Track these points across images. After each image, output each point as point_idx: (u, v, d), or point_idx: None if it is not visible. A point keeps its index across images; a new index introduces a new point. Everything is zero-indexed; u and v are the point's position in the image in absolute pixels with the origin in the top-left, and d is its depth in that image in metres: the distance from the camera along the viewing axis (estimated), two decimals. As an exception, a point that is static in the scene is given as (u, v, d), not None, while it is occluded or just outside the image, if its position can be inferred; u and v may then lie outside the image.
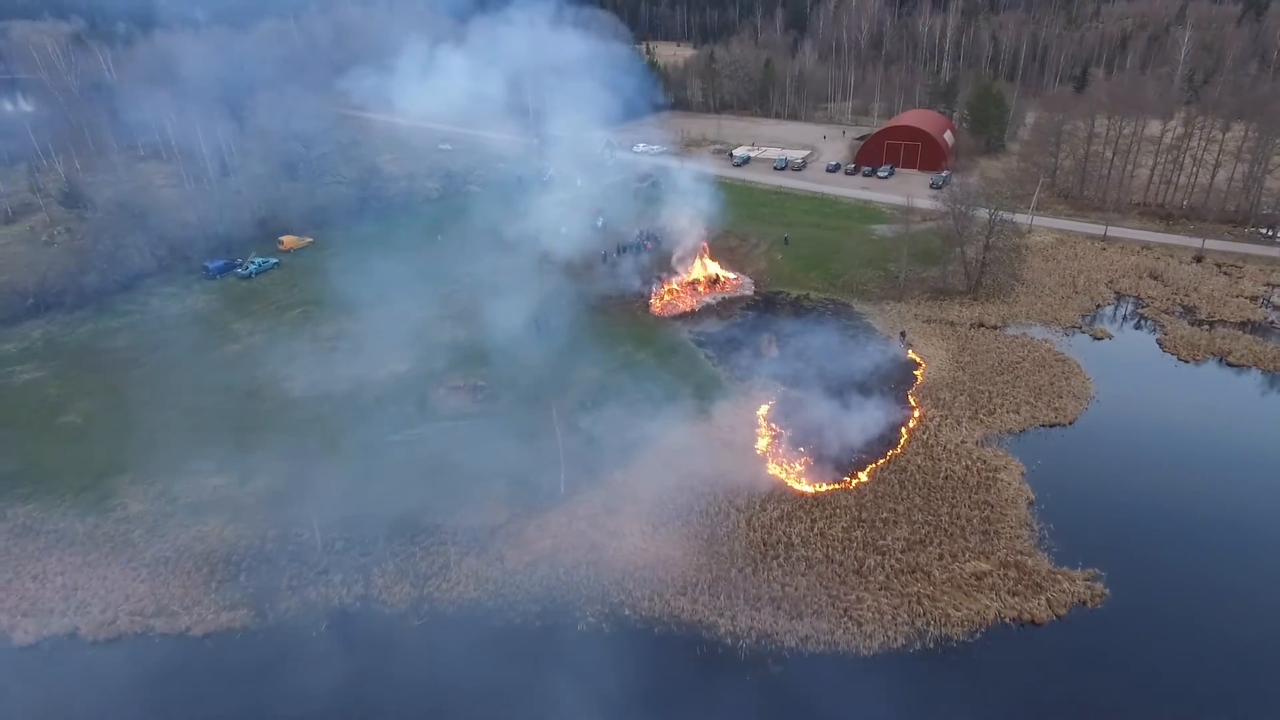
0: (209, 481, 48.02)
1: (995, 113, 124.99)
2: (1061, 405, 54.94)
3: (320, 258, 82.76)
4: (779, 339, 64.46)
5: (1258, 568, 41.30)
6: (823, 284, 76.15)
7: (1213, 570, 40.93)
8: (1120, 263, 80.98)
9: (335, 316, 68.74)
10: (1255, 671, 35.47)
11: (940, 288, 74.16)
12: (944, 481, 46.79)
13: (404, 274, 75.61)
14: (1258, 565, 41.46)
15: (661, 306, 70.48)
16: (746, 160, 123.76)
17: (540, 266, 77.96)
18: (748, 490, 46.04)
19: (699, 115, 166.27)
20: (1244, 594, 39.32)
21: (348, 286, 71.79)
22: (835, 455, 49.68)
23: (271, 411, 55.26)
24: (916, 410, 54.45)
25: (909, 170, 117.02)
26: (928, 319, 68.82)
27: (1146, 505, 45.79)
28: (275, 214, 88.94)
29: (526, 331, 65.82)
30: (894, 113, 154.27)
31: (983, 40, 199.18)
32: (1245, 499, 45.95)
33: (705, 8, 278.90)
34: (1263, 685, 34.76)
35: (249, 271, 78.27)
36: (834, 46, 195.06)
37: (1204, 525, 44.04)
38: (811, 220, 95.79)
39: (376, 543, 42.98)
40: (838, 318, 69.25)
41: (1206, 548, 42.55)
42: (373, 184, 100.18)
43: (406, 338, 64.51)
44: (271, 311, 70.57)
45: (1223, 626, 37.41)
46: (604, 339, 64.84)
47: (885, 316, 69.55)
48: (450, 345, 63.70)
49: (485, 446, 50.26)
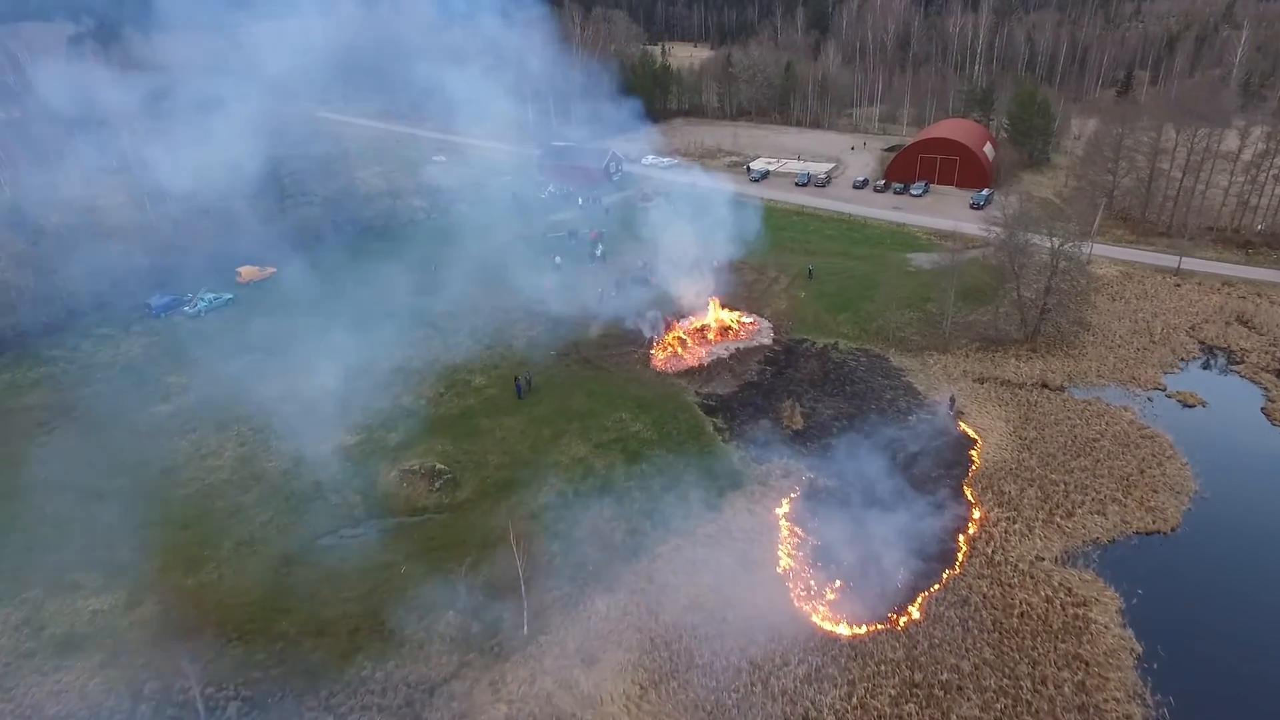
0: (88, 603, 38.32)
1: (1040, 122, 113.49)
2: (1158, 504, 44.07)
3: (281, 293, 73.17)
4: (803, 405, 53.94)
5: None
6: (853, 329, 65.47)
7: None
8: (1201, 303, 69.66)
9: (285, 369, 58.94)
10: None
11: (991, 336, 63.28)
12: (1020, 621, 36.16)
13: (373, 314, 66.11)
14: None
15: (665, 360, 60.11)
16: (765, 175, 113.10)
17: (529, 305, 68.04)
18: (765, 632, 35.68)
19: (714, 122, 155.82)
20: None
21: (305, 330, 62.51)
22: (876, 574, 39.22)
23: (185, 499, 45.52)
24: (976, 510, 43.81)
25: (945, 187, 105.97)
26: (979, 377, 58.05)
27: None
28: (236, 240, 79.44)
29: (505, 391, 55.94)
30: (924, 120, 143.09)
31: (1017, 41, 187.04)
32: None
33: (723, 7, 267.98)
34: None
35: (197, 310, 68.83)
36: (858, 48, 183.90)
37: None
38: (838, 247, 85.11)
39: (280, 702, 33.10)
40: (872, 375, 58.55)
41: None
42: (350, 203, 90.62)
43: (363, 399, 54.75)
44: (213, 361, 60.94)
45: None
46: (596, 401, 54.67)
47: (929, 373, 58.82)
48: (411, 411, 53.74)
49: (436, 558, 40.37)
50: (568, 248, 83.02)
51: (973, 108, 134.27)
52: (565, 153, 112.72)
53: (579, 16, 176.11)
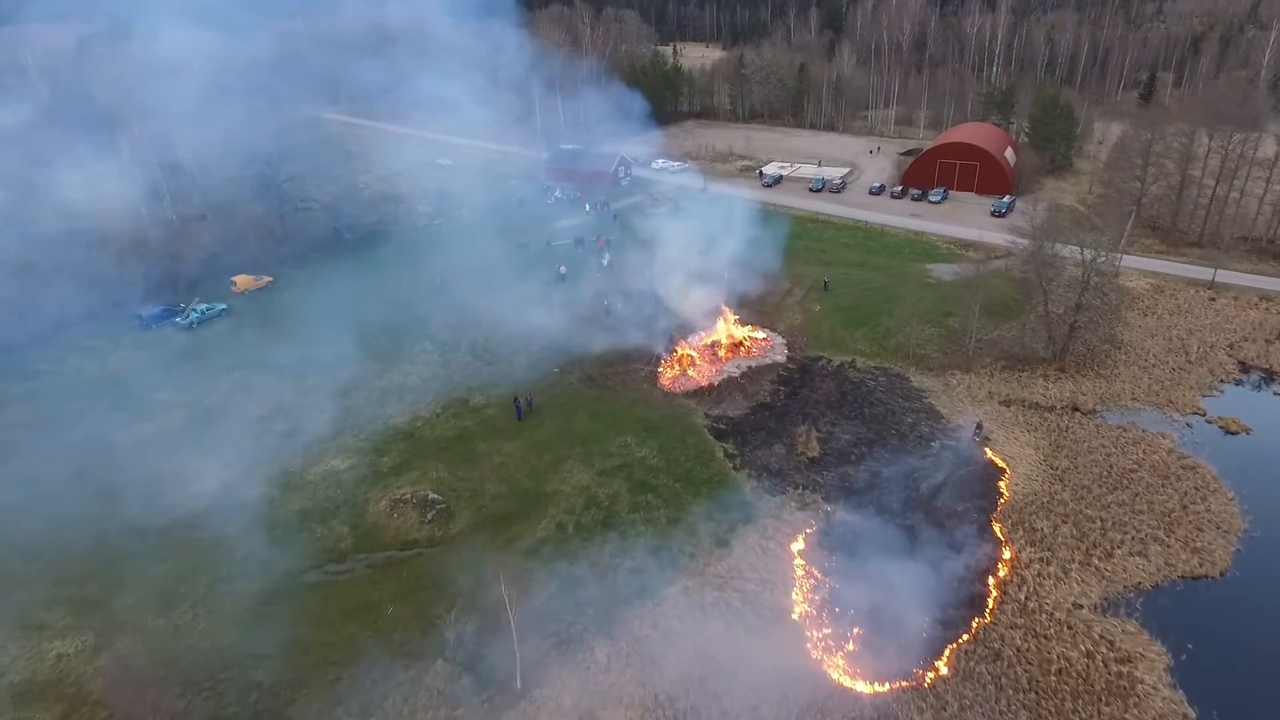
0: (53, 646, 35.76)
1: (1063, 126, 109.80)
2: (1204, 543, 40.82)
3: (276, 303, 70.80)
4: (819, 430, 50.92)
5: None
6: (871, 346, 62.38)
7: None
8: (1238, 319, 66.14)
9: (277, 385, 56.52)
10: None
11: (1017, 354, 60.02)
12: (1058, 680, 33.05)
13: (370, 325, 63.54)
14: None
15: (673, 379, 57.21)
16: (778, 180, 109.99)
17: (532, 318, 65.32)
18: (779, 689, 32.74)
19: (726, 125, 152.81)
20: None
21: (299, 343, 60.13)
22: (899, 622, 36.22)
23: (163, 530, 42.96)
24: (1006, 549, 40.70)
25: (965, 194, 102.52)
26: (1006, 399, 54.84)
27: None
28: (232, 247, 77.18)
29: (504, 412, 53.23)
30: (941, 123, 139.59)
31: (1036, 42, 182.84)
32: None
33: (735, 7, 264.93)
34: None
35: (190, 321, 66.47)
36: (873, 49, 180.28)
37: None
38: (855, 257, 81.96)
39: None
40: (892, 397, 55.46)
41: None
42: (352, 209, 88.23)
43: (355, 419, 52.25)
44: (203, 376, 58.60)
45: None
46: (600, 423, 51.84)
47: (951, 395, 55.67)
48: (406, 433, 51.11)
49: (426, 599, 37.68)
50: (573, 256, 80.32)
51: (991, 110, 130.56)
52: (573, 156, 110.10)
53: (589, 17, 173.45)
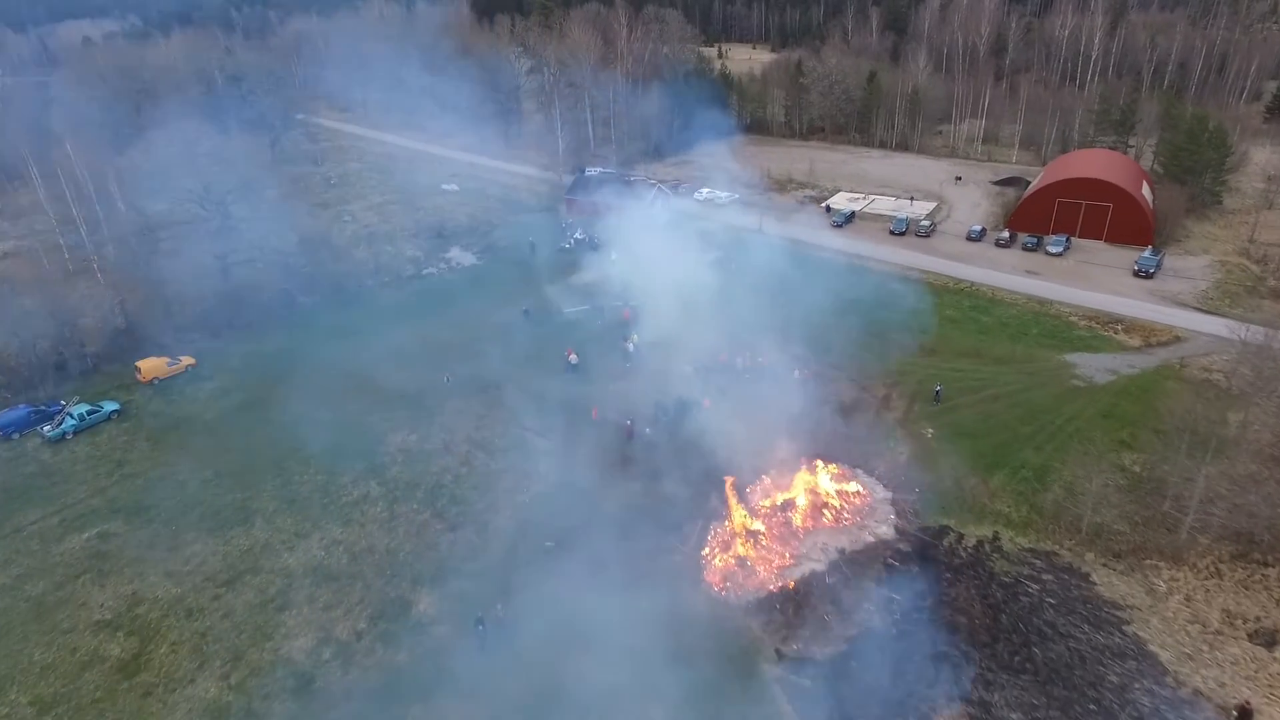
0: None
1: (1213, 156, 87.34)
2: None
3: (188, 400, 52.94)
4: (971, 706, 30.91)
5: None
6: (1018, 506, 42.03)
7: None
8: None
9: (142, 557, 38.53)
10: None
11: (1243, 527, 39.11)
12: None
13: (301, 444, 45.46)
14: None
15: (724, 570, 37.58)
16: (850, 218, 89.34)
17: (525, 443, 46.58)
18: None
19: (781, 142, 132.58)
20: None
21: (198, 472, 42.78)
22: None
23: None
24: None
25: (1090, 241, 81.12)
26: (1257, 626, 34.27)
27: None
28: (146, 317, 59.51)
29: (460, 632, 34.34)
30: (1034, 141, 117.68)
31: (1137, 46, 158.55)
32: None
33: (785, 6, 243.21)
34: None
35: (61, 430, 48.80)
36: (944, 54, 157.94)
37: None
38: (966, 340, 61.06)
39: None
40: (1072, 620, 34.92)
41: None
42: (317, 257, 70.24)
43: (232, 641, 33.80)
44: (47, 533, 40.78)
45: None
46: (603, 667, 32.14)
47: (1169, 620, 35.02)
48: (303, 677, 32.37)
49: None
50: (591, 331, 61.33)
51: (1106, 131, 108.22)
52: (600, 184, 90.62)
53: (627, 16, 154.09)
